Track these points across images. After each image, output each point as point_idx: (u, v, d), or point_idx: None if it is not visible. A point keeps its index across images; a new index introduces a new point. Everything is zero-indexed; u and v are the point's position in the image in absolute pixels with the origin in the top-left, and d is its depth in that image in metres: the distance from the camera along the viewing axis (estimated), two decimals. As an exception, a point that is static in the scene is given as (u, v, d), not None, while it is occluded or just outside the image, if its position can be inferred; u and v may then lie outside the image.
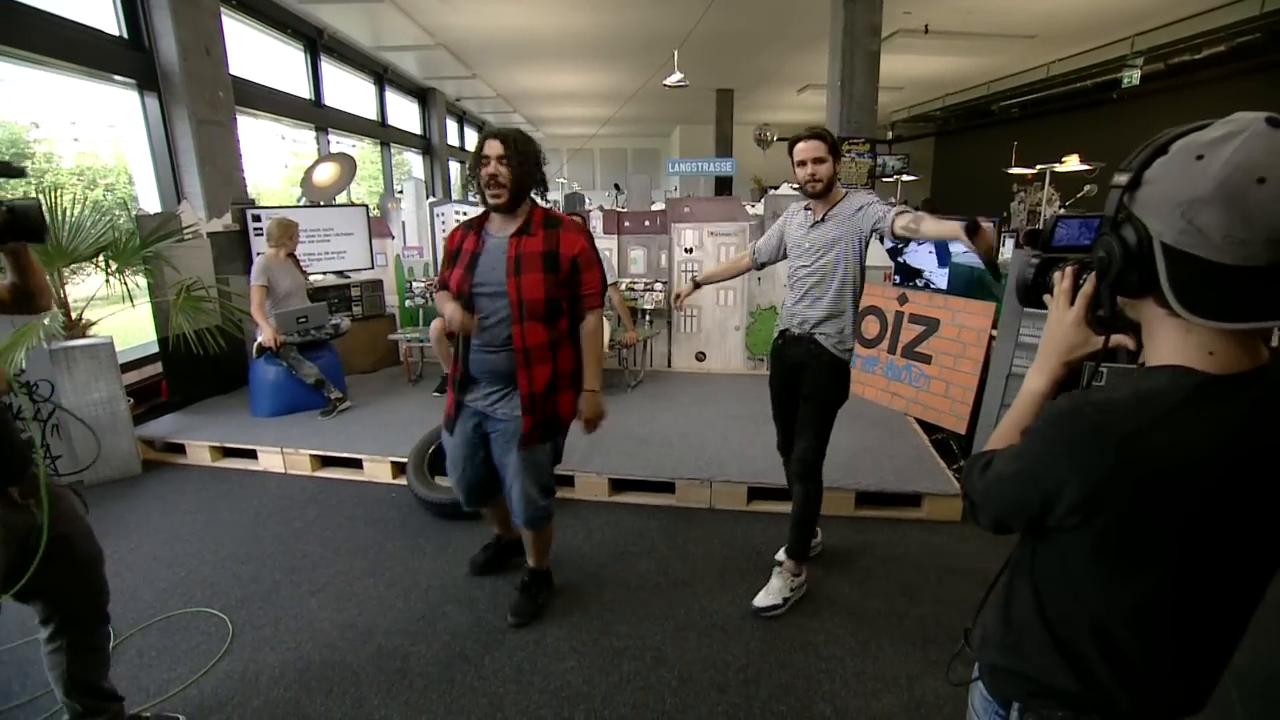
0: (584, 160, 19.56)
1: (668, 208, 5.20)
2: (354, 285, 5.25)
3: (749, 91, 12.25)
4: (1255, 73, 7.44)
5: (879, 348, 4.50)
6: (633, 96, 12.29)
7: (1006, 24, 7.66)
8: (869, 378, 4.53)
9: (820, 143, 2.29)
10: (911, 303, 4.32)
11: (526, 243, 2.02)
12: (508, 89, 12.12)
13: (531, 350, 2.04)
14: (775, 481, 3.25)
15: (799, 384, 2.44)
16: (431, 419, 4.07)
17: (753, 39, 8.53)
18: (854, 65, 5.74)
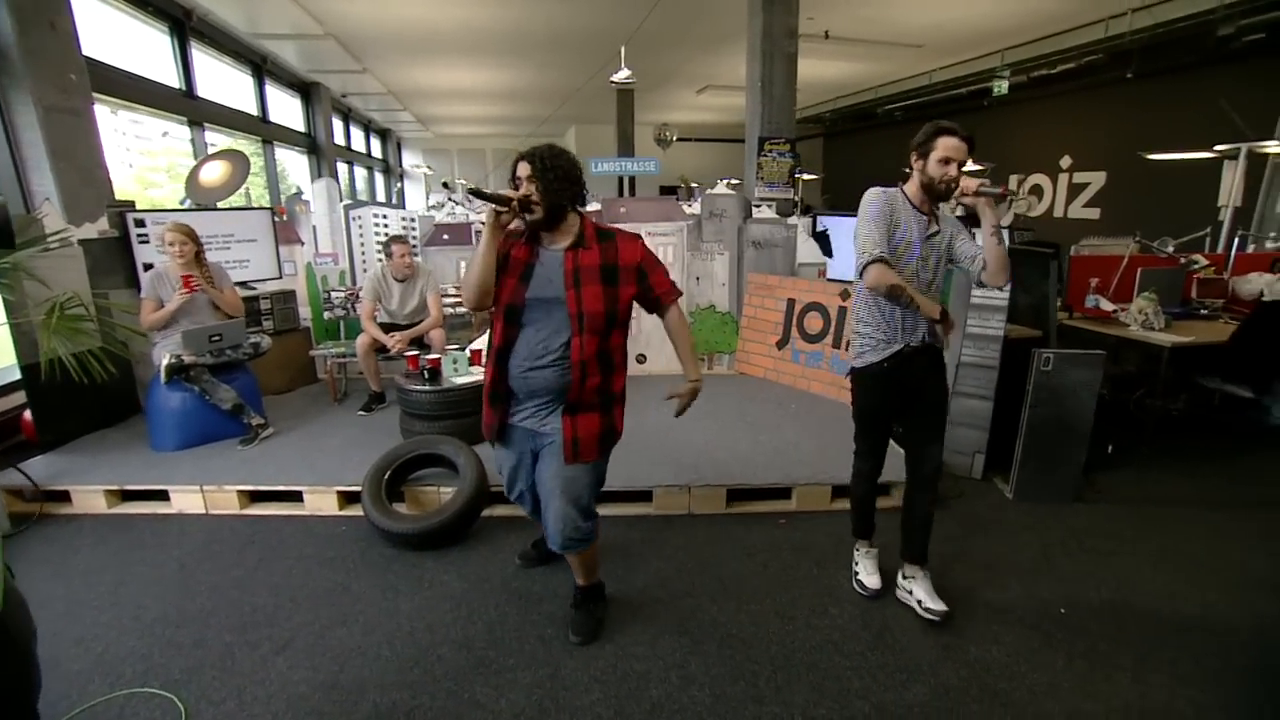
0: (476, 160, 18.96)
1: (603, 209, 5.09)
2: (263, 297, 4.75)
3: (649, 91, 12.34)
4: (1098, 88, 8.45)
5: (823, 343, 4.64)
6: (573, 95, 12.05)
7: (898, 33, 8.18)
8: (815, 373, 4.67)
9: (968, 147, 2.18)
10: (853, 296, 4.49)
11: (584, 256, 2.04)
12: (400, 85, 11.50)
13: (589, 362, 2.05)
14: (751, 482, 3.27)
15: (923, 396, 2.37)
16: (372, 440, 3.75)
17: (657, 39, 8.58)
18: (773, 67, 5.89)
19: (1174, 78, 7.45)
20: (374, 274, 4.31)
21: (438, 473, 3.27)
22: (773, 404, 4.36)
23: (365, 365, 4.26)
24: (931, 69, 10.20)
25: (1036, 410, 3.25)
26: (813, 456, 3.53)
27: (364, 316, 4.25)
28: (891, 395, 2.37)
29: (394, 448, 3.23)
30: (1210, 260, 4.55)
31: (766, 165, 6.09)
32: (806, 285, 4.84)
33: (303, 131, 10.52)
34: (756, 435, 3.83)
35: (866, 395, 2.42)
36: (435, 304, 4.33)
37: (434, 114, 14.98)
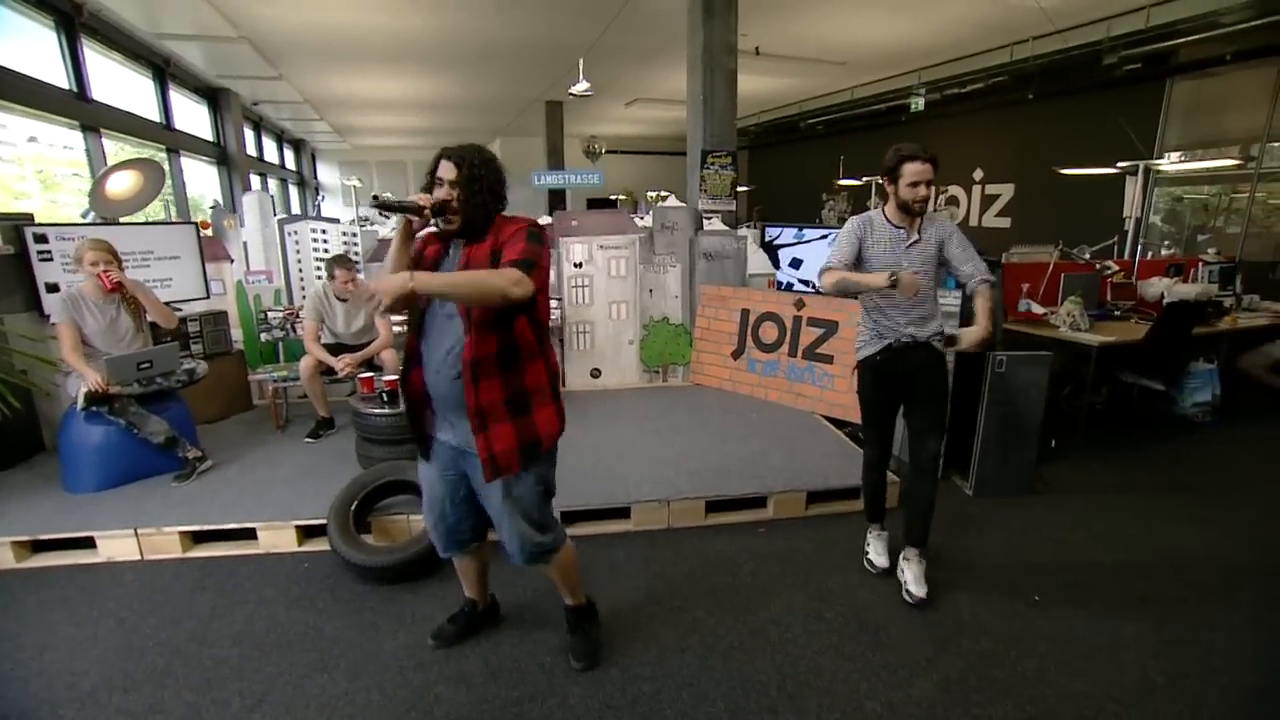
0: (396, 172, 18.37)
1: (554, 221, 5.05)
2: (190, 319, 4.42)
3: (578, 104, 12.36)
4: (1004, 106, 9.14)
5: (778, 352, 4.77)
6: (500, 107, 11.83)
7: (824, 51, 8.57)
8: (771, 381, 4.79)
9: (933, 167, 2.43)
10: (809, 307, 4.64)
11: (476, 249, 1.87)
12: (318, 94, 11.02)
13: (481, 363, 1.83)
14: (729, 493, 3.32)
15: (914, 389, 2.60)
16: (326, 469, 3.55)
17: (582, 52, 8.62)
18: (714, 81, 6.04)
19: (1070, 99, 8.14)
20: (316, 293, 4.10)
21: (406, 500, 3.14)
22: (734, 414, 4.44)
23: (310, 389, 4.04)
24: (854, 85, 10.72)
25: (992, 410, 3.45)
26: (783, 463, 3.62)
27: (307, 338, 4.03)
28: (887, 386, 2.64)
29: (359, 476, 3.08)
30: (1120, 266, 4.99)
31: (710, 178, 6.23)
32: (760, 296, 4.96)
33: (211, 141, 9.90)
34: (724, 445, 3.89)
35: (865, 385, 2.69)
36: (384, 323, 4.16)
37: (353, 124, 14.46)
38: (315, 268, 5.06)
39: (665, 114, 13.04)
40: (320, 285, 4.16)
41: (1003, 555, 2.97)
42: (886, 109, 10.86)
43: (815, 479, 3.45)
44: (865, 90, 10.75)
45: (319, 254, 5.10)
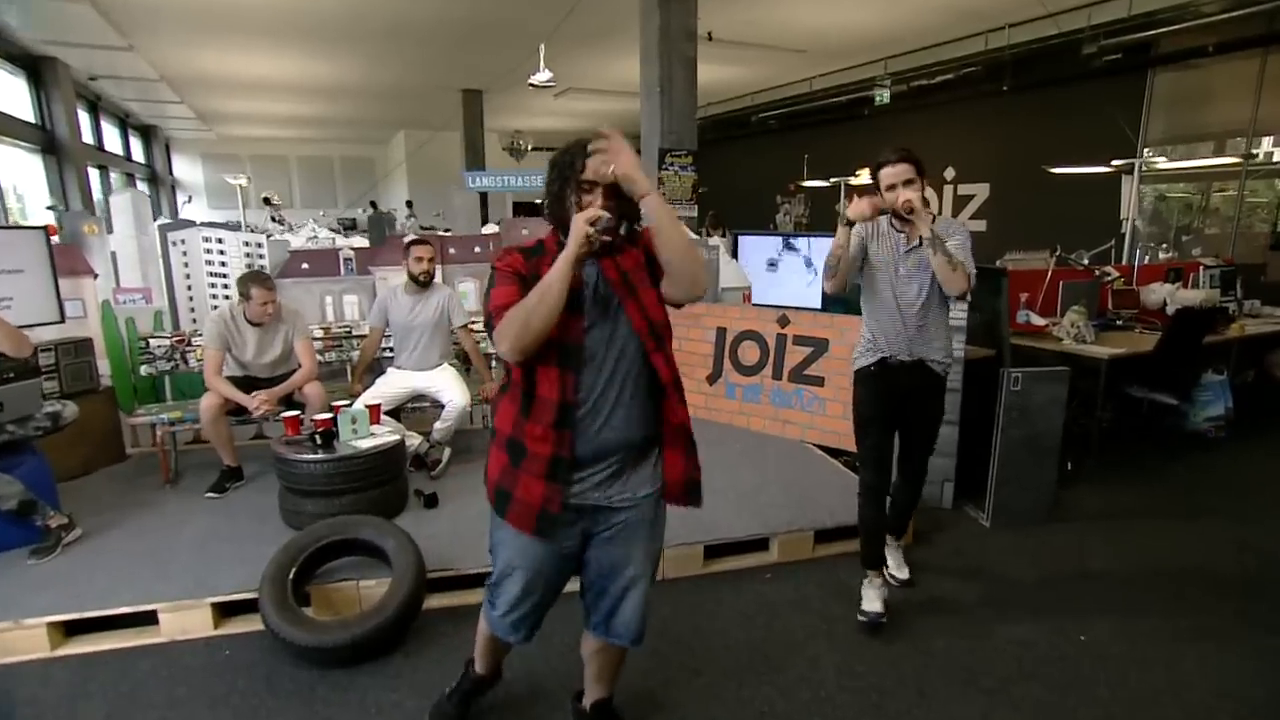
0: (275, 170, 17.87)
1: (502, 231, 5.06)
2: (44, 348, 4.14)
3: (500, 94, 12.43)
4: (976, 99, 9.77)
5: (761, 375, 4.89)
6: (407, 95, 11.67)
7: (782, 38, 8.95)
8: (753, 408, 4.89)
9: (907, 165, 2.59)
10: (794, 324, 4.79)
11: (622, 258, 1.83)
12: (180, 71, 10.55)
13: (678, 386, 1.89)
14: (729, 535, 3.37)
15: (909, 411, 2.84)
16: (241, 531, 3.40)
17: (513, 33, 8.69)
18: (672, 71, 6.22)
19: (1048, 91, 8.79)
20: (220, 316, 3.95)
21: (352, 564, 3.04)
22: (715, 445, 4.50)
23: (215, 433, 3.87)
24: (813, 75, 11.22)
25: (1009, 432, 3.65)
26: (781, 500, 3.70)
27: (209, 371, 3.86)
28: (880, 400, 2.82)
29: (296, 537, 2.96)
30: (1119, 272, 5.40)
31: (668, 180, 6.39)
32: (738, 312, 5.08)
33: (32, 123, 9.26)
34: (712, 482, 3.84)
35: (860, 398, 2.88)
36: (306, 352, 4.05)
37: (222, 110, 13.94)
38: (212, 286, 4.87)
39: (601, 106, 13.25)
40: (226, 307, 4.01)
41: (1036, 590, 3.14)
42: (848, 102, 11.41)
43: (820, 515, 3.54)
44: (826, 81, 11.27)
45: (215, 268, 4.92)
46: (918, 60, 9.73)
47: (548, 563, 1.93)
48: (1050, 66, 8.40)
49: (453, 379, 4.11)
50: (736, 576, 3.26)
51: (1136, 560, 3.42)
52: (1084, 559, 3.42)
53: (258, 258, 5.03)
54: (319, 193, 18.24)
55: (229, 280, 4.96)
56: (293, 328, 4.06)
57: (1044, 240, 6.22)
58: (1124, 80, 8.00)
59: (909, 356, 2.76)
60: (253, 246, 5.02)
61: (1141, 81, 7.98)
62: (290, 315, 4.07)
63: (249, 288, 3.84)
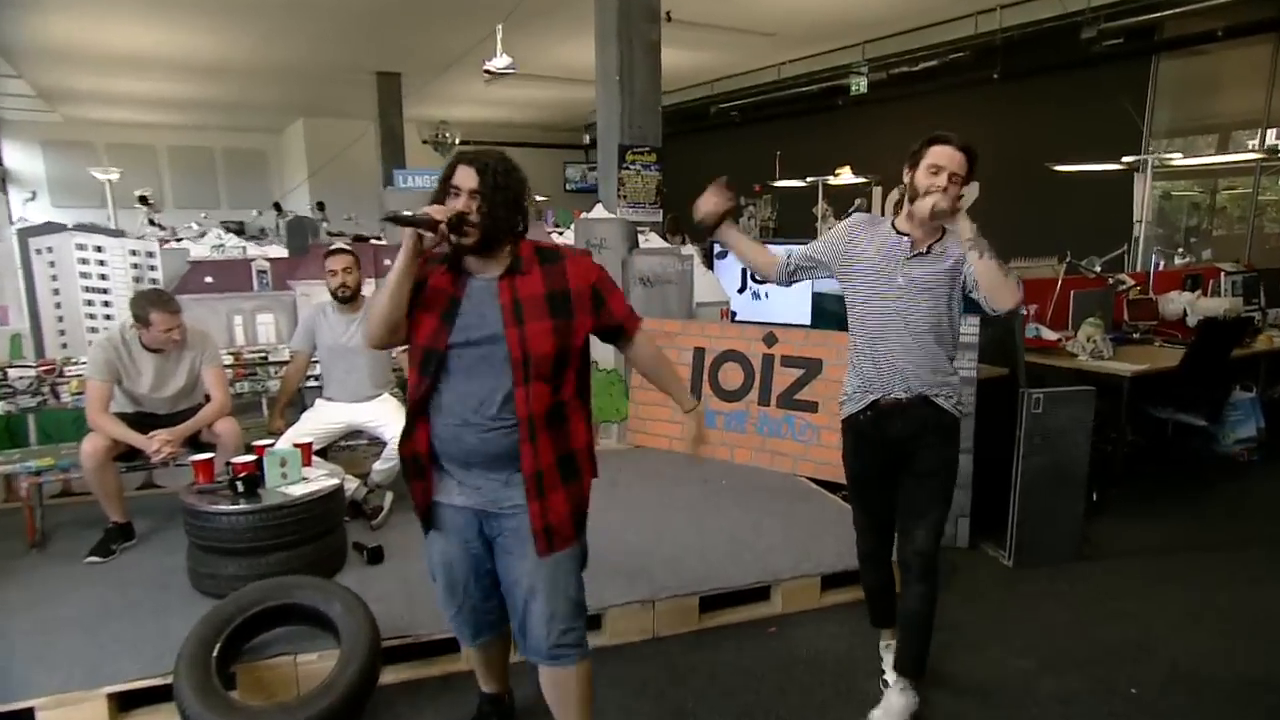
0: (140, 162, 17.34)
1: None
2: None
3: (421, 78, 12.40)
4: (963, 88, 10.17)
5: (746, 400, 4.98)
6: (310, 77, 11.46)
7: (750, 19, 9.19)
8: (737, 437, 4.97)
9: (965, 157, 2.45)
10: (782, 343, 4.90)
11: (522, 284, 2.13)
12: (17, 40, 10.00)
13: (537, 420, 2.11)
14: (728, 584, 3.42)
15: (909, 460, 2.59)
16: (140, 600, 3.28)
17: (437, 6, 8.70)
18: (633, 56, 6.32)
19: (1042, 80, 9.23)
20: (109, 341, 3.83)
21: (286, 635, 2.97)
22: (697, 482, 4.56)
23: (99, 483, 3.73)
24: (781, 62, 11.52)
25: (1030, 460, 3.80)
26: (781, 542, 3.77)
27: (93, 408, 3.74)
28: (875, 455, 2.65)
29: (220, 606, 2.88)
30: (1134, 279, 5.69)
31: (630, 180, 6.47)
32: (718, 330, 5.17)
33: None
34: (701, 523, 4.00)
35: (849, 454, 2.75)
36: (218, 383, 3.96)
37: (72, 88, 13.29)
38: (89, 304, 4.74)
39: (539, 94, 13.36)
40: (116, 329, 3.91)
41: (1073, 638, 3.26)
42: (820, 91, 11.75)
43: (826, 558, 3.62)
44: (795, 69, 11.58)
45: (92, 282, 4.79)
46: (899, 45, 10.06)
47: (458, 562, 2.26)
48: (1046, 52, 8.80)
49: (395, 411, 4.07)
50: (737, 631, 3.30)
51: (1181, 599, 3.59)
52: (1122, 600, 3.57)
53: (148, 269, 4.92)
54: (197, 190, 17.70)
55: (110, 297, 4.84)
56: (200, 354, 3.97)
57: (1044, 245, 6.51)
58: (1127, 67, 8.45)
59: (907, 393, 2.53)
60: (142, 256, 4.90)
61: (1146, 69, 8.45)
62: (197, 339, 3.99)
63: (148, 312, 3.73)
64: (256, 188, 18.13)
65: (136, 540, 3.87)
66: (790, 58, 11.35)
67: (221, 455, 3.63)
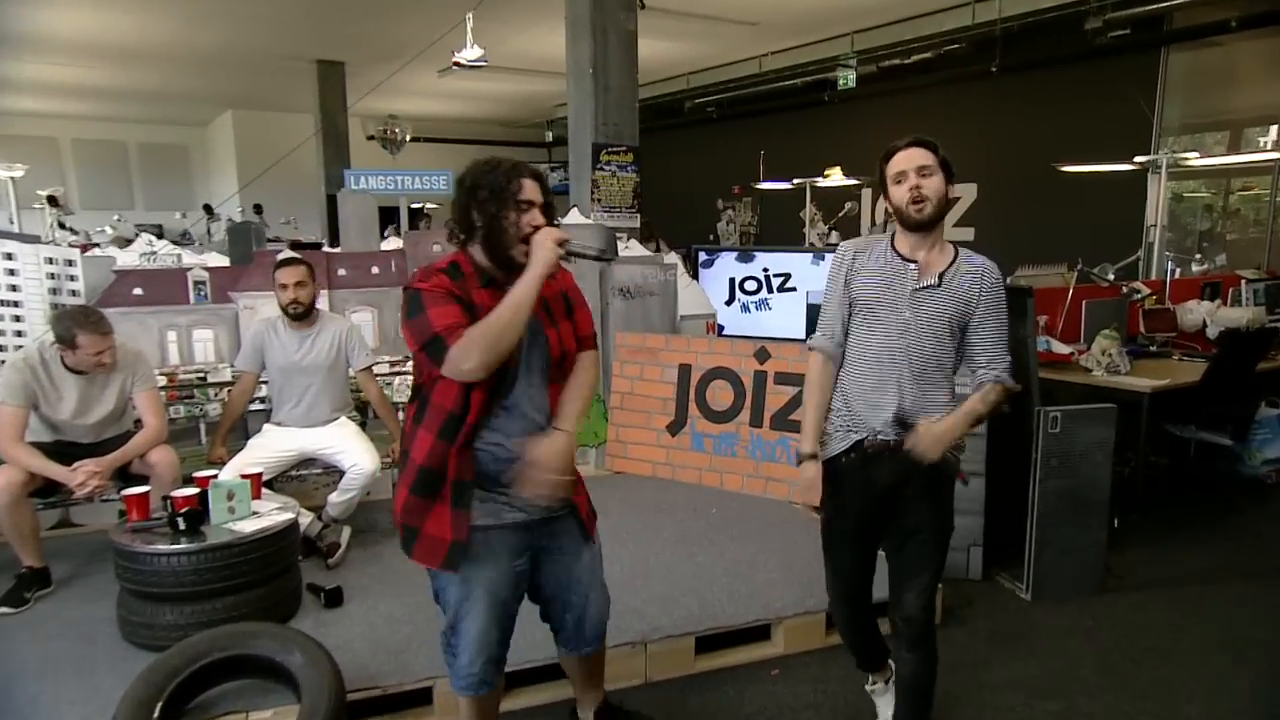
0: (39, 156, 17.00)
1: (407, 246, 5.09)
2: None
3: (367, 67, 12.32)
4: (959, 83, 10.37)
5: (736, 421, 5.01)
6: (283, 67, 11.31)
7: (729, 7, 9.30)
8: (728, 462, 5.00)
9: (923, 149, 2.40)
10: (775, 359, 4.94)
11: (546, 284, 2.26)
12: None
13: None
14: (722, 622, 3.45)
15: (896, 513, 2.53)
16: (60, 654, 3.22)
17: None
18: (607, 48, 6.37)
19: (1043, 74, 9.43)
20: (25, 361, 3.76)
21: (237, 689, 2.93)
22: (685, 510, 4.59)
23: (10, 523, 3.64)
24: (763, 53, 11.66)
25: (1047, 483, 3.86)
26: (780, 576, 3.80)
27: (6, 437, 3.67)
28: (855, 505, 2.55)
29: (162, 658, 2.82)
30: (1150, 287, 5.82)
31: (604, 182, 6.51)
32: (705, 345, 5.21)
33: None
34: (692, 556, 4.01)
35: (826, 501, 2.57)
36: (152, 408, 3.91)
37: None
38: (2, 320, 4.66)
39: (498, 87, 13.37)
40: (34, 349, 3.84)
41: (1103, 677, 3.32)
42: (804, 85, 11.91)
43: (829, 593, 3.65)
44: (778, 61, 11.72)
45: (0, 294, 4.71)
46: (890, 35, 10.22)
47: (507, 588, 2.35)
48: (1049, 44, 9.01)
49: (354, 437, 4.06)
50: (736, 675, 3.32)
51: (1215, 634, 3.66)
52: (1152, 636, 3.63)
53: (67, 280, 4.83)
54: (108, 189, 17.26)
55: (22, 311, 4.75)
56: (131, 375, 3.92)
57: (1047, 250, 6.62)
58: (1134, 60, 8.68)
59: (894, 434, 2.44)
60: (60, 265, 4.82)
61: (1155, 62, 8.67)
62: (129, 359, 3.93)
63: (74, 334, 3.65)
64: (177, 187, 17.88)
65: (54, 587, 3.80)
66: (772, 49, 11.48)
67: (157, 488, 3.60)
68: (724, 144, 14.06)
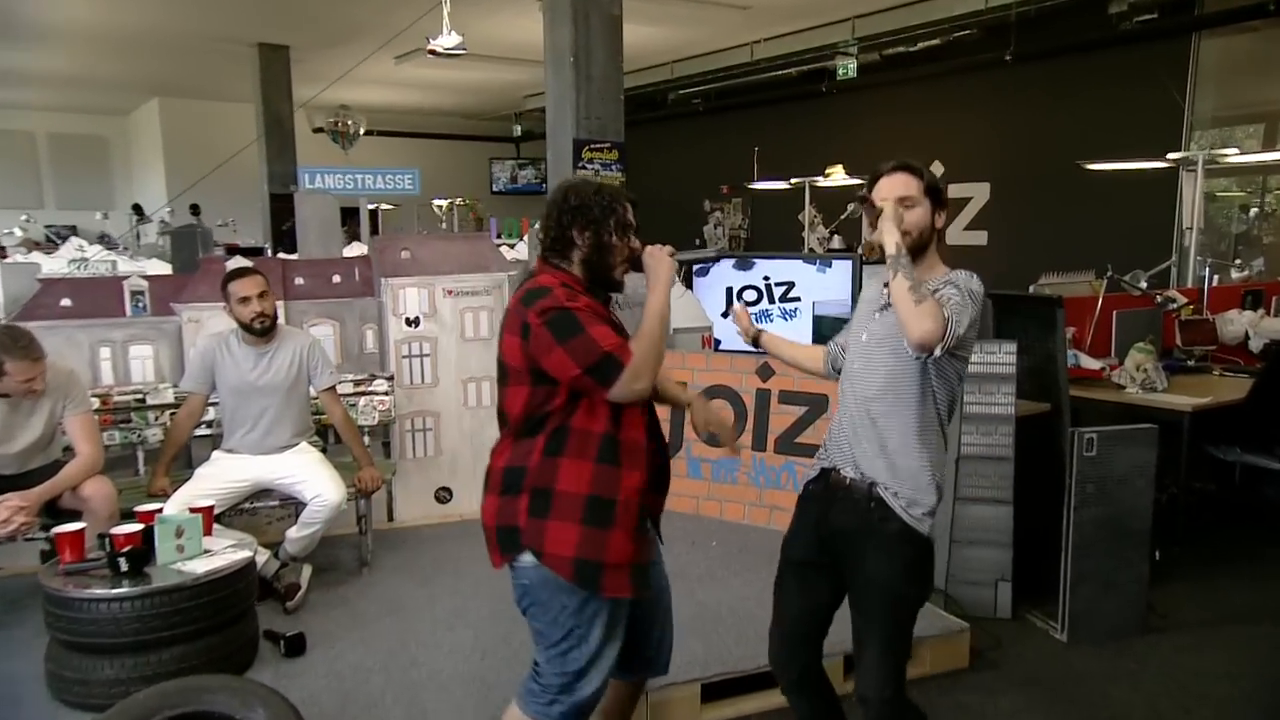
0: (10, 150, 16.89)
1: (373, 252, 5.09)
2: None
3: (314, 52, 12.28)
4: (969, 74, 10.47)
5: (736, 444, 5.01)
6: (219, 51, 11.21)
7: (723, -12, 9.39)
8: (728, 490, 5.03)
9: (909, 176, 2.44)
10: (780, 376, 4.96)
11: None
12: None
13: None
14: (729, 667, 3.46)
15: (843, 563, 2.50)
16: None
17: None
18: (590, 34, 6.39)
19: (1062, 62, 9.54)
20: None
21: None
22: (682, 543, 4.57)
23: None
24: (755, 40, 11.74)
25: (1083, 512, 3.89)
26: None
27: None
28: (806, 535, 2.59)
29: (103, 717, 2.78)
30: (1186, 296, 5.89)
31: (585, 181, 6.52)
32: (702, 361, 5.22)
33: None
34: (693, 594, 4.02)
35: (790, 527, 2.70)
36: (86, 434, 3.90)
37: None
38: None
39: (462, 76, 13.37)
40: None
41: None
42: (799, 75, 12.01)
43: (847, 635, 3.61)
44: (771, 49, 11.80)
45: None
46: (894, 21, 10.29)
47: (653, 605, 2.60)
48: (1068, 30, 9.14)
49: (317, 465, 4.04)
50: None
51: (1271, 678, 3.70)
52: (1205, 682, 3.65)
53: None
54: (12, 186, 17.05)
55: (-69, 327, 4.70)
56: (63, 399, 3.91)
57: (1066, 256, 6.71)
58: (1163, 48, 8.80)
59: (855, 474, 2.44)
60: (-30, 272, 4.78)
61: (1184, 49, 8.79)
62: (59, 380, 3.90)
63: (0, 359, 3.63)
64: (94, 184, 17.72)
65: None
66: (765, 35, 11.55)
67: (93, 525, 3.57)
68: (712, 140, 14.15)
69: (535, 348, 2.25)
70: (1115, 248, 7.35)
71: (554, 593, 2.32)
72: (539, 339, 2.24)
